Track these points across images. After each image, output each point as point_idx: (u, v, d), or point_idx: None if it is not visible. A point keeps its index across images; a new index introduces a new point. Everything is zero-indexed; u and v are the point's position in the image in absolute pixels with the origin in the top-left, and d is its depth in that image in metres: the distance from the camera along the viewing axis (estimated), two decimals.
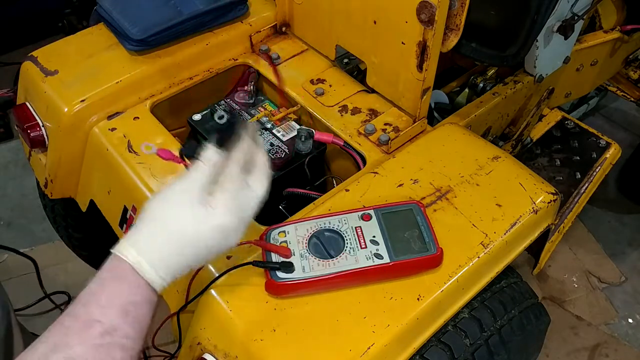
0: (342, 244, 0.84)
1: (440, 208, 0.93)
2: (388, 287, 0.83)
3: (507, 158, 1.02)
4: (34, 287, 1.71)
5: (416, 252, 0.84)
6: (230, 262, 0.86)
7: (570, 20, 1.15)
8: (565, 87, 1.51)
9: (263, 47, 1.28)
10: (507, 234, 0.91)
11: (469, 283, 0.88)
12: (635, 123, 2.36)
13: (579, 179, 1.40)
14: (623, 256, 1.96)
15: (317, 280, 0.80)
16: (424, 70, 1.00)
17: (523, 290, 1.02)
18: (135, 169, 1.04)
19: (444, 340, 0.89)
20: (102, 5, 1.24)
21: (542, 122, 1.51)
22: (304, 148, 1.10)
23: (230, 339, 0.81)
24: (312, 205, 0.97)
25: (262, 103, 1.21)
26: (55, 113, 1.14)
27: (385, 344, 0.78)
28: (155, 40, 1.18)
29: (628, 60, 1.65)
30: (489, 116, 1.26)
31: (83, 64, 1.19)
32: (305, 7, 1.23)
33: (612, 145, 1.45)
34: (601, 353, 1.71)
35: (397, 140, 1.05)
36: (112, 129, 1.11)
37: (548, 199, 0.96)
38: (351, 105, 1.15)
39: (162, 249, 0.66)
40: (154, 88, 1.19)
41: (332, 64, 1.25)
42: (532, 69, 1.26)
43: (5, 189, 2.13)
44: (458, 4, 0.95)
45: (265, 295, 0.82)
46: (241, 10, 1.29)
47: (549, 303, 1.81)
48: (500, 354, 0.93)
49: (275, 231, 0.86)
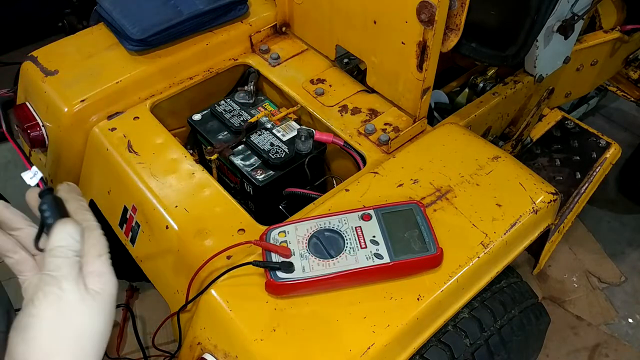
0: (342, 243, 0.84)
1: (440, 208, 0.93)
2: (388, 287, 0.83)
3: (507, 158, 1.02)
4: None
5: (416, 252, 0.84)
6: (230, 262, 0.86)
7: (570, 20, 1.15)
8: (565, 87, 1.51)
9: (263, 47, 1.28)
10: (507, 234, 0.91)
11: (469, 283, 0.88)
12: (635, 123, 2.36)
13: (579, 179, 1.40)
14: (623, 256, 1.96)
15: (317, 280, 0.80)
16: (424, 70, 1.00)
17: (523, 290, 1.02)
18: (135, 169, 1.04)
19: (444, 340, 0.89)
20: (102, 5, 1.24)
21: (542, 122, 1.51)
22: (304, 148, 1.10)
23: (230, 339, 0.81)
24: (312, 205, 0.97)
25: (262, 103, 1.21)
26: (55, 113, 1.14)
27: (385, 344, 0.78)
28: (155, 40, 1.19)
29: (628, 60, 1.65)
30: (489, 116, 1.26)
31: (83, 64, 1.19)
32: (305, 7, 1.24)
33: (612, 145, 1.45)
34: (601, 353, 1.70)
35: (397, 140, 1.05)
36: (112, 129, 1.11)
37: (548, 199, 0.96)
38: (351, 105, 1.15)
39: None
40: (154, 88, 1.19)
41: (332, 64, 1.25)
42: (532, 69, 1.26)
43: (5, 189, 2.12)
44: (458, 4, 0.95)
45: (265, 295, 0.82)
46: (241, 10, 1.29)
47: (549, 303, 1.81)
48: (500, 354, 0.92)
49: (275, 231, 0.86)
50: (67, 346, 0.54)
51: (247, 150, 1.12)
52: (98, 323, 0.57)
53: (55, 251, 0.57)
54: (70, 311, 0.55)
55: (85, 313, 0.56)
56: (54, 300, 0.55)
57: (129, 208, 1.07)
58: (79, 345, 0.55)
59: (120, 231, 1.10)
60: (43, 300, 0.55)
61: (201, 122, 1.17)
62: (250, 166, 1.09)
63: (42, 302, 0.55)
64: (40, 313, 0.54)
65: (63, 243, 0.57)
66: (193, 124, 1.17)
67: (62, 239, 0.58)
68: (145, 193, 1.01)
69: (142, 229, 1.03)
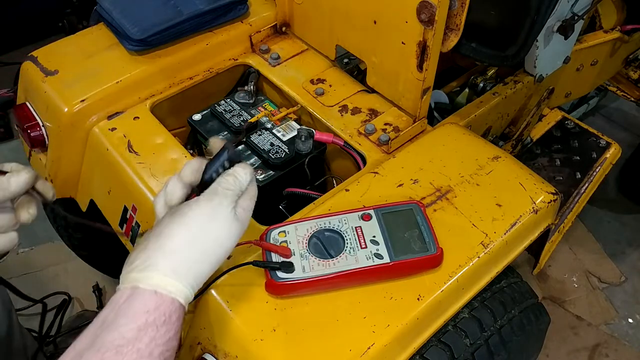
0: (342, 243, 0.84)
1: (440, 208, 0.93)
2: (388, 287, 0.83)
3: (507, 158, 1.02)
4: (34, 287, 1.71)
5: (416, 252, 0.84)
6: (230, 262, 0.86)
7: (570, 20, 1.15)
8: (565, 87, 1.51)
9: (263, 47, 1.28)
10: (507, 234, 0.91)
11: (469, 283, 0.88)
12: (635, 123, 2.36)
13: (579, 179, 1.40)
14: (623, 256, 1.96)
15: (317, 280, 0.80)
16: (424, 70, 1.00)
17: (523, 290, 1.02)
18: (135, 169, 1.04)
19: (444, 340, 0.89)
20: (102, 5, 1.24)
21: (542, 122, 1.51)
22: (304, 148, 1.10)
23: (230, 339, 0.81)
24: (312, 205, 0.97)
25: (262, 103, 1.21)
26: (55, 113, 1.14)
27: (385, 344, 0.78)
28: (155, 40, 1.18)
29: (628, 60, 1.65)
30: (489, 116, 1.26)
31: (83, 64, 1.19)
32: (305, 7, 1.24)
33: (612, 145, 1.45)
34: (601, 353, 1.71)
35: (397, 140, 1.05)
36: (112, 128, 1.11)
37: (548, 199, 0.97)
38: (351, 105, 1.15)
39: (198, 270, 0.66)
40: (154, 88, 1.19)
41: (332, 63, 1.25)
42: (532, 69, 1.26)
43: None
44: (458, 4, 0.96)
45: (265, 295, 0.82)
46: (241, 10, 1.28)
47: (549, 303, 1.81)
48: (500, 354, 0.92)
49: (275, 231, 0.86)
50: (203, 246, 0.66)
51: (247, 150, 1.12)
52: (228, 240, 0.68)
53: (232, 177, 0.70)
54: (220, 218, 0.67)
55: (225, 227, 0.68)
56: (215, 205, 0.67)
57: (129, 208, 1.07)
58: (210, 245, 0.66)
59: (121, 231, 1.10)
60: (207, 202, 0.67)
61: (201, 122, 1.17)
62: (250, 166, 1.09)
63: (206, 203, 0.67)
64: (201, 206, 0.67)
65: (241, 177, 0.71)
66: (193, 124, 1.17)
67: (241, 173, 0.71)
68: (145, 193, 1.01)
69: (142, 229, 1.03)
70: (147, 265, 0.63)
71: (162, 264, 0.63)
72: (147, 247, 0.64)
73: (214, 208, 0.67)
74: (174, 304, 0.62)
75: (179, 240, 0.65)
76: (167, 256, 0.63)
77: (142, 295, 0.61)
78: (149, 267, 0.62)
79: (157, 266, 0.62)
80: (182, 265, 0.64)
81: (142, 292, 0.61)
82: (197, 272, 0.65)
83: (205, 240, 0.66)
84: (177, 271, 0.63)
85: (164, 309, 0.61)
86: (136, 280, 0.62)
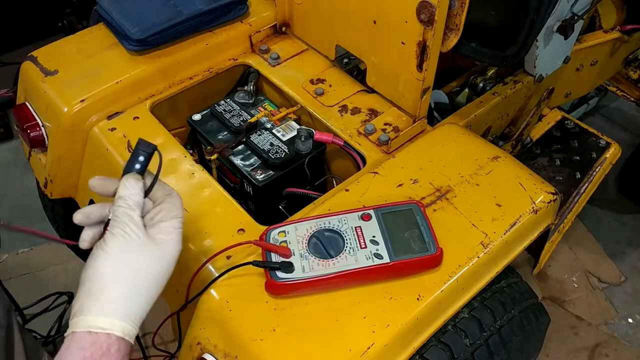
0: (342, 243, 0.84)
1: (440, 208, 0.93)
2: (388, 287, 0.83)
3: (507, 158, 1.02)
4: (34, 287, 1.71)
5: (416, 252, 0.84)
6: (230, 262, 0.86)
7: (570, 20, 1.15)
8: (565, 87, 1.51)
9: (263, 47, 1.28)
10: (507, 234, 0.91)
11: (469, 283, 0.88)
12: (635, 123, 2.35)
13: (579, 179, 1.40)
14: (623, 256, 1.96)
15: (317, 280, 0.80)
16: (424, 70, 1.00)
17: (523, 290, 1.02)
18: None
19: (444, 340, 0.89)
20: (102, 5, 1.24)
21: (542, 122, 1.51)
22: (304, 148, 1.10)
23: (230, 339, 0.81)
24: (312, 205, 0.97)
25: (262, 103, 1.21)
26: (55, 113, 1.14)
27: (385, 344, 0.78)
28: (155, 40, 1.18)
29: (628, 60, 1.65)
30: (488, 116, 1.26)
31: (83, 64, 1.19)
32: (305, 7, 1.24)
33: (612, 145, 1.45)
34: (601, 353, 1.70)
35: (397, 140, 1.05)
36: (112, 129, 1.11)
37: (548, 199, 0.96)
38: (351, 105, 1.15)
39: (130, 302, 0.66)
40: (154, 88, 1.19)
41: (332, 64, 1.25)
42: (532, 69, 1.26)
43: (5, 189, 2.13)
44: (458, 4, 0.96)
45: (265, 295, 0.82)
46: (241, 10, 1.29)
47: (548, 303, 1.81)
48: (500, 354, 0.93)
49: (275, 231, 0.86)
50: (124, 279, 0.65)
51: (247, 150, 1.12)
52: (154, 266, 0.67)
53: (119, 200, 0.68)
54: (131, 251, 0.66)
55: (143, 255, 0.66)
56: (118, 239, 0.66)
57: None
58: (133, 281, 0.66)
59: None
60: (111, 238, 0.66)
61: (201, 122, 1.17)
62: (250, 166, 1.09)
63: (110, 240, 0.66)
64: (107, 247, 0.66)
65: (125, 194, 0.68)
66: (193, 124, 1.17)
67: (124, 189, 0.68)
68: None
69: None
70: (79, 310, 0.65)
71: (91, 306, 0.64)
72: (78, 294, 0.66)
73: (118, 242, 0.66)
74: (111, 338, 0.63)
75: (101, 281, 0.65)
76: (94, 298, 0.65)
77: (79, 337, 0.63)
78: (81, 311, 0.64)
79: (89, 309, 0.64)
80: (111, 303, 0.65)
81: (78, 335, 0.63)
82: (129, 305, 0.66)
83: (125, 273, 0.66)
84: (106, 309, 0.64)
85: (100, 343, 0.63)
86: (73, 326, 0.64)
